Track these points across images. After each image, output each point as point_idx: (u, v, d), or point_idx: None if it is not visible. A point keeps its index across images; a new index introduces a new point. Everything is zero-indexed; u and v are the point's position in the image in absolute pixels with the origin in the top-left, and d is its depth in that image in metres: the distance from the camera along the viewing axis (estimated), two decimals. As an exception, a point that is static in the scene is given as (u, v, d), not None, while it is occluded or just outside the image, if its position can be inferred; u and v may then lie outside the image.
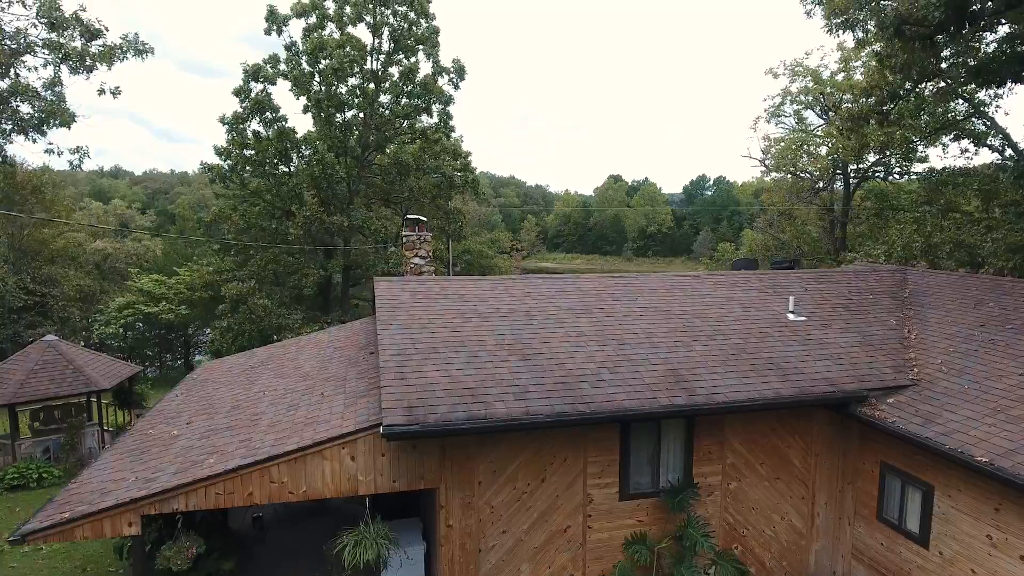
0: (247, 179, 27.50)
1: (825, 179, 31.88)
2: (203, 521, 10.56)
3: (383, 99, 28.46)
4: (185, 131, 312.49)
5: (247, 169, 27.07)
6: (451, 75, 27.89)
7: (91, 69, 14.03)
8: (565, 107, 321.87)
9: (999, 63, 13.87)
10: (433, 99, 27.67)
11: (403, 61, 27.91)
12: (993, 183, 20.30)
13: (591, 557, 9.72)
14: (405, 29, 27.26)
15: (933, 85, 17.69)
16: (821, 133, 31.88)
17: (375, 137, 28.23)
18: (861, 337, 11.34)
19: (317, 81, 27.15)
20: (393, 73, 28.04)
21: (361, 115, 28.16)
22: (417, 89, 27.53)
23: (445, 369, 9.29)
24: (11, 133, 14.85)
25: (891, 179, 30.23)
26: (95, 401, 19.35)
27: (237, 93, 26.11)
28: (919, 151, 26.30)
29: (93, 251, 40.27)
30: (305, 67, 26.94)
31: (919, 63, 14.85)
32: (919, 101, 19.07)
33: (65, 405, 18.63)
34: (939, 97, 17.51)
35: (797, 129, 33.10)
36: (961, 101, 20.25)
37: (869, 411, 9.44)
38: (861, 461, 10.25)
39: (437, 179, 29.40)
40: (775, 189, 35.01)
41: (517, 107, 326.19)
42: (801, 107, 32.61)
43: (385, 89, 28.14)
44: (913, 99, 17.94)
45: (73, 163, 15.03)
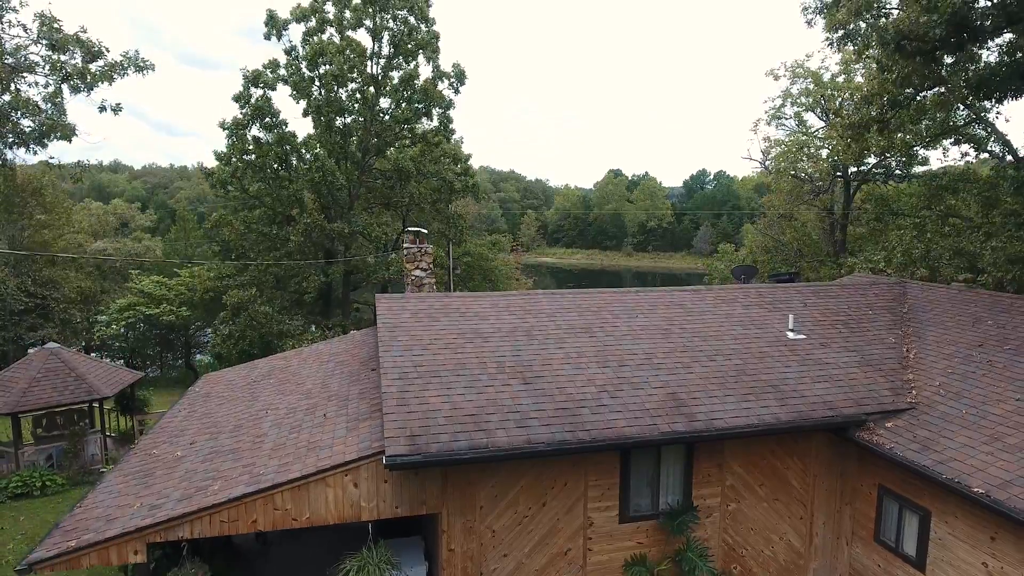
0: (247, 183, 27.49)
1: (825, 182, 31.85)
2: (207, 540, 10.63)
3: (383, 103, 28.45)
4: (184, 125, 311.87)
5: (248, 174, 27.07)
6: (451, 79, 27.89)
7: (91, 87, 14.08)
8: (565, 100, 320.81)
9: (1000, 77, 13.85)
10: (433, 104, 27.64)
11: (403, 65, 27.89)
12: (993, 190, 20.28)
13: (591, 579, 9.81)
14: (405, 34, 27.24)
15: (934, 94, 17.65)
16: (822, 135, 31.81)
17: (375, 141, 28.23)
18: (860, 356, 11.41)
19: (317, 86, 27.13)
20: (393, 77, 28.05)
21: (361, 119, 28.14)
22: (417, 95, 27.52)
23: (447, 394, 9.37)
24: (12, 146, 14.87)
25: (891, 182, 30.19)
26: (97, 407, 19.44)
27: (237, 99, 26.09)
28: (919, 155, 26.28)
29: (94, 252, 40.27)
30: (305, 72, 26.91)
31: (920, 75, 14.85)
32: (919, 108, 19.01)
33: (68, 411, 18.75)
34: (939, 106, 17.49)
35: (797, 131, 33.02)
36: (961, 106, 20.18)
37: (867, 436, 9.52)
38: (859, 482, 10.34)
39: (437, 183, 29.42)
40: (775, 192, 34.95)
41: (517, 100, 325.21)
42: (802, 109, 32.52)
43: (386, 92, 28.11)
44: (913, 106, 17.93)
45: (74, 178, 15.06)
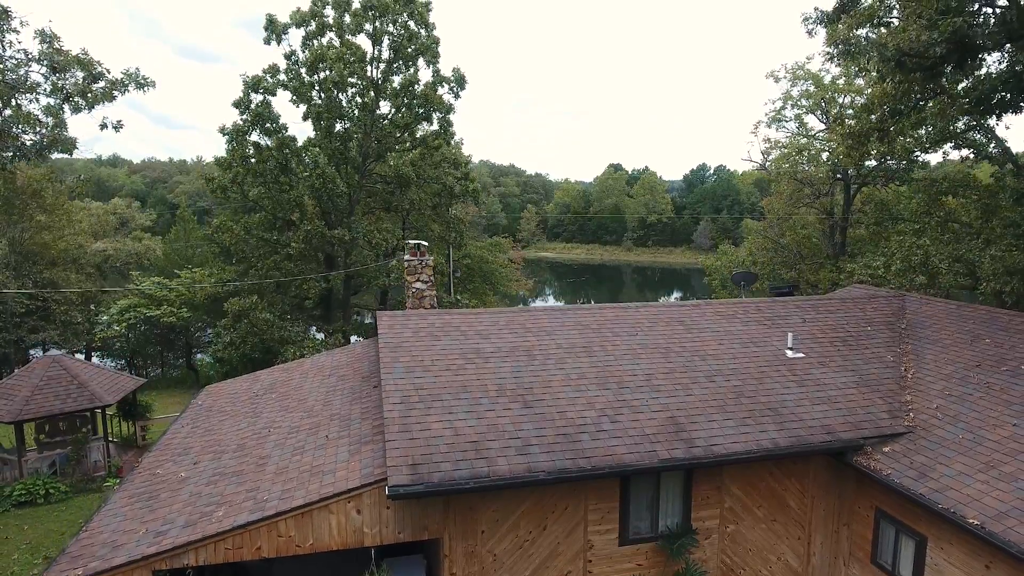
0: (247, 188, 27.50)
1: (825, 185, 31.86)
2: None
3: (383, 108, 28.46)
4: (183, 118, 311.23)
5: (248, 179, 27.08)
6: (451, 84, 27.84)
7: (92, 106, 14.11)
8: (565, 94, 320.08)
9: (1000, 93, 13.87)
10: (433, 108, 27.63)
11: (403, 70, 27.87)
12: (993, 197, 20.34)
13: (591, 600, 9.93)
14: (405, 39, 27.22)
15: (935, 101, 17.68)
16: (822, 138, 31.79)
17: (376, 146, 28.23)
18: (859, 377, 11.49)
19: (317, 91, 27.10)
20: (394, 82, 28.04)
21: (361, 124, 28.13)
22: (417, 100, 27.50)
23: (448, 419, 9.45)
24: (14, 159, 14.90)
25: (892, 185, 30.20)
26: (100, 413, 19.54)
27: (237, 105, 26.10)
28: (920, 159, 26.28)
29: (94, 252, 40.27)
30: (305, 77, 26.88)
31: (921, 89, 14.87)
32: (920, 117, 19.04)
33: (70, 418, 18.86)
34: (939, 115, 17.52)
35: (798, 134, 33.00)
36: (961, 118, 20.19)
37: (865, 460, 9.62)
38: (857, 504, 10.45)
39: (438, 188, 29.43)
40: (775, 194, 34.97)
41: (517, 94, 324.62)
42: (802, 111, 32.51)
43: (386, 97, 28.09)
44: (914, 116, 17.96)
45: (75, 194, 15.11)
